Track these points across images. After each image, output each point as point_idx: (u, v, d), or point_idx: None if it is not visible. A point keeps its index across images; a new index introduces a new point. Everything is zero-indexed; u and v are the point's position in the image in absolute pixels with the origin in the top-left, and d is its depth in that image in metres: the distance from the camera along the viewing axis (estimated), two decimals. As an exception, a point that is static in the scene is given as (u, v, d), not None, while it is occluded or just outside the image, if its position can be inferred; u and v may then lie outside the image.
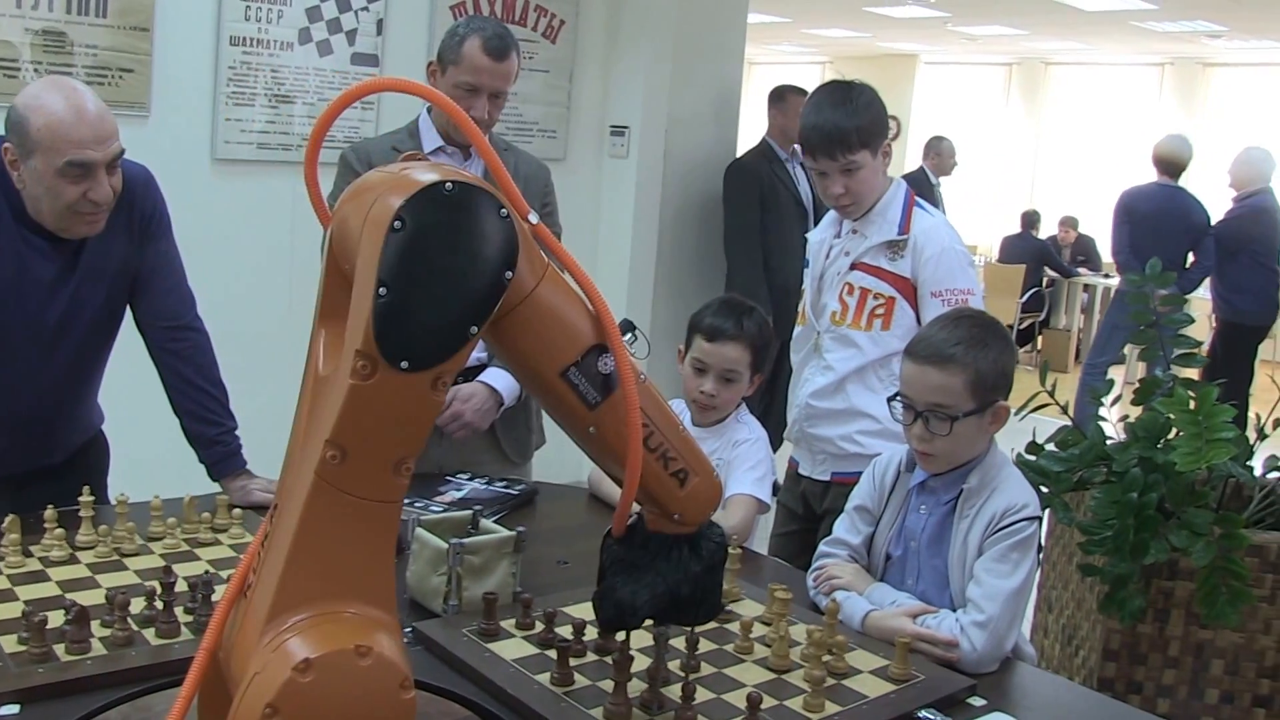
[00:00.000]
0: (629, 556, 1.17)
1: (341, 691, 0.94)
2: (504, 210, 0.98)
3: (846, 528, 1.77)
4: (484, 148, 1.05)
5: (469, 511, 1.65)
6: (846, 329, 2.18)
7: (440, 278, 0.96)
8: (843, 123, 2.07)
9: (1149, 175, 5.60)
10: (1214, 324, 5.59)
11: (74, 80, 1.74)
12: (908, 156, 10.88)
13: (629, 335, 1.13)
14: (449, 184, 0.96)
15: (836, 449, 2.21)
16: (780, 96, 4.48)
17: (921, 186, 5.49)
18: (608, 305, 1.09)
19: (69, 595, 1.47)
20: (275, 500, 1.04)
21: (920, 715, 1.34)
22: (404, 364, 0.95)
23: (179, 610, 1.41)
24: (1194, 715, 2.31)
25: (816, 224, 2.44)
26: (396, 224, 0.94)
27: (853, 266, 2.17)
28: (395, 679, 0.96)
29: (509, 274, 0.98)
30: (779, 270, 4.19)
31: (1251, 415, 2.47)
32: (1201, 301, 5.84)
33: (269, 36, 3.39)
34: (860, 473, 1.84)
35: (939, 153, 6.36)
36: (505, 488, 2.11)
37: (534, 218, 1.04)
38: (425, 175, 0.97)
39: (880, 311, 2.14)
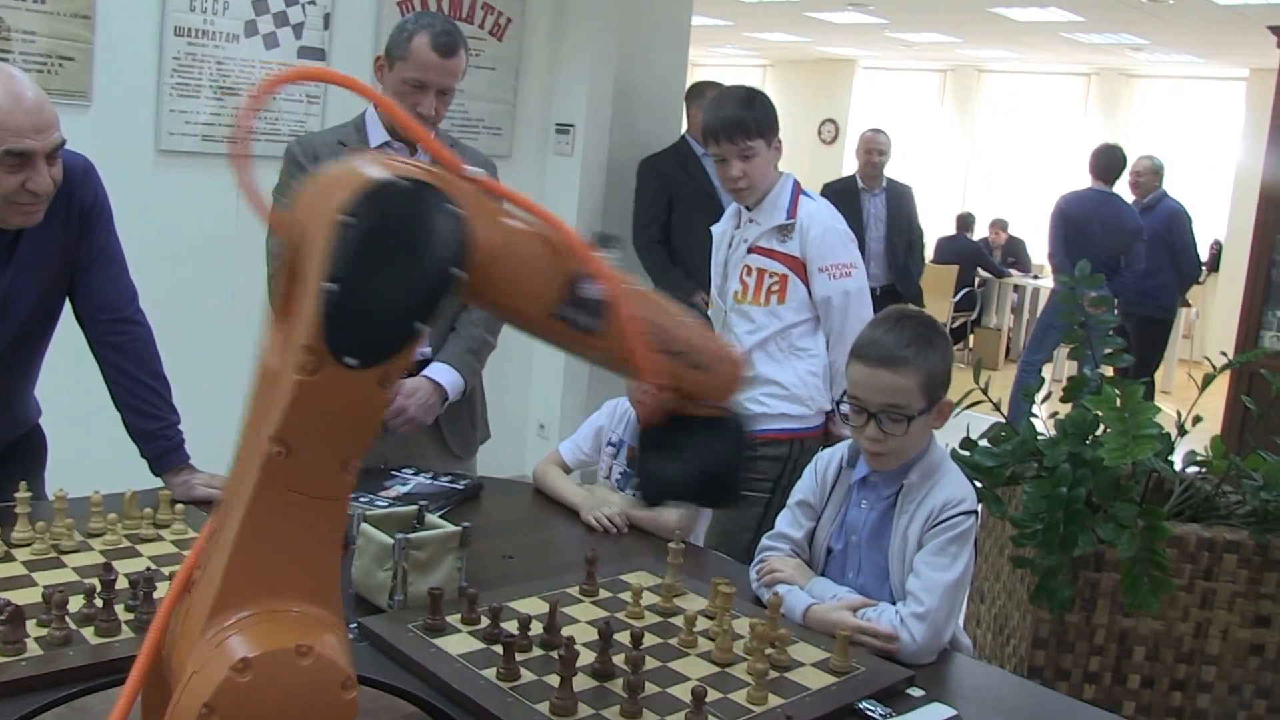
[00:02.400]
0: (662, 439, 1.23)
1: (281, 691, 0.92)
2: (454, 206, 0.97)
3: (788, 522, 1.80)
4: (414, 129, 1.03)
5: (414, 506, 1.66)
6: (748, 306, 2.45)
7: (390, 273, 0.94)
8: (743, 115, 2.38)
9: (1075, 180, 5.79)
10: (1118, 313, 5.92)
11: (10, 66, 1.69)
12: (845, 158, 11.06)
13: (611, 248, 1.14)
14: (402, 180, 0.95)
15: (741, 408, 2.40)
16: (699, 93, 4.29)
17: (849, 195, 5.39)
18: (573, 231, 1.07)
19: (3, 594, 1.43)
20: (224, 495, 1.03)
21: (860, 706, 1.37)
22: (351, 360, 0.93)
23: (119, 608, 1.39)
24: (1117, 700, 2.39)
25: None
26: (349, 219, 0.92)
27: (750, 250, 2.45)
28: (337, 678, 0.95)
29: (456, 270, 0.97)
30: (688, 265, 4.12)
31: (1172, 412, 2.57)
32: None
33: (214, 28, 3.34)
34: (763, 431, 2.11)
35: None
36: (450, 482, 2.10)
37: (473, 171, 1.02)
38: (376, 171, 0.96)
39: (775, 288, 2.41)
